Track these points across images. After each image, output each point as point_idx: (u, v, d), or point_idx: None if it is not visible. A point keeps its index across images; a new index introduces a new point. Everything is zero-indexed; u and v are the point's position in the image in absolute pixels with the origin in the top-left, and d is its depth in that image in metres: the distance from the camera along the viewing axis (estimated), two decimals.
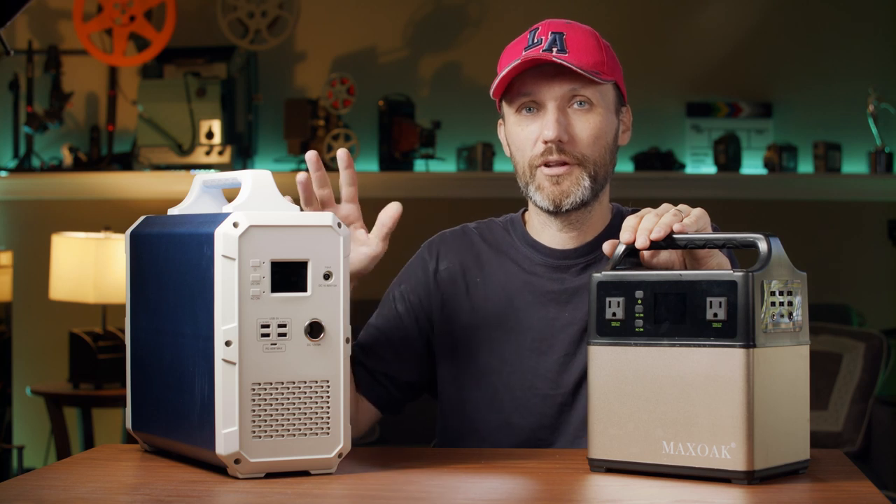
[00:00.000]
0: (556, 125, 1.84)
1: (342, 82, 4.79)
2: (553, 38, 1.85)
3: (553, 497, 1.47)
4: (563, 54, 1.83)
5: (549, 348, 1.90)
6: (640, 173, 4.81)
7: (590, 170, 1.86)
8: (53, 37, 5.10)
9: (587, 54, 1.85)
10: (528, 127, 1.88)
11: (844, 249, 4.89)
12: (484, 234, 2.01)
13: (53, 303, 4.64)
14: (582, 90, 1.85)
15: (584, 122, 1.86)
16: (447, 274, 1.98)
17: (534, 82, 1.86)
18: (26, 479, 1.53)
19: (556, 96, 1.85)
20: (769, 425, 1.46)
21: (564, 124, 1.85)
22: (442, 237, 2.04)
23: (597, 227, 1.94)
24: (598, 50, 1.87)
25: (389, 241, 1.90)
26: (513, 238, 1.98)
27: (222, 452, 1.48)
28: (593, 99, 1.86)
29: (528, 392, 1.90)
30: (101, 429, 4.86)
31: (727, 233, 1.56)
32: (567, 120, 1.85)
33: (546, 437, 1.89)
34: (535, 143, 1.87)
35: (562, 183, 1.86)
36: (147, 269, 1.67)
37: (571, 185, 1.86)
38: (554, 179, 1.86)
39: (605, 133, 1.88)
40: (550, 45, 1.84)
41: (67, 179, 4.98)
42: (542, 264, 1.93)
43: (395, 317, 1.98)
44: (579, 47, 1.85)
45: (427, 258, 2.01)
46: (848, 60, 4.91)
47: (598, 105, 1.86)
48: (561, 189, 1.86)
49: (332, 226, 1.53)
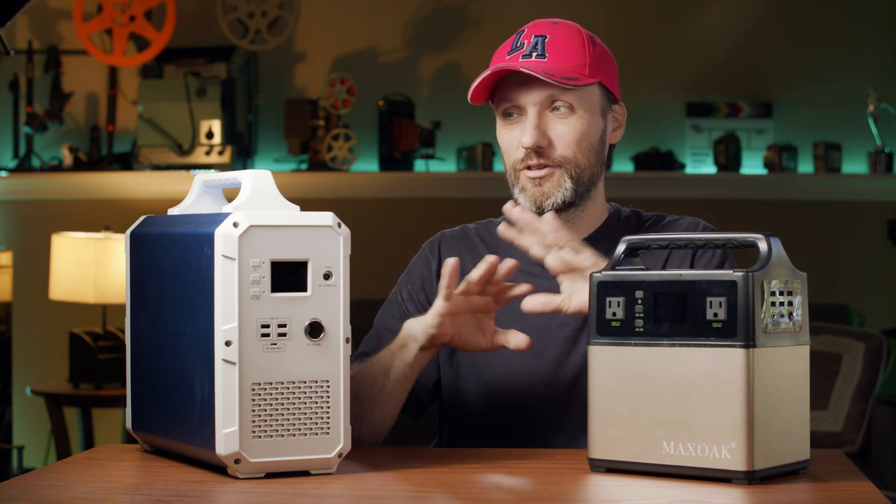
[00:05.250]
0: (533, 132, 1.87)
1: (342, 82, 4.78)
2: (535, 42, 1.87)
3: (553, 497, 1.47)
4: (542, 59, 1.85)
5: (544, 347, 1.91)
6: (640, 173, 4.81)
7: (571, 171, 1.88)
8: (53, 37, 5.09)
9: (568, 57, 1.86)
10: (512, 131, 1.91)
11: (844, 249, 4.89)
12: (483, 234, 2.03)
13: (53, 303, 4.63)
14: (561, 95, 1.87)
15: (564, 127, 1.88)
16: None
17: (514, 88, 1.88)
18: (26, 479, 1.53)
19: (536, 102, 1.87)
20: (769, 425, 1.46)
21: (543, 130, 1.87)
22: (442, 237, 2.05)
23: (590, 226, 1.96)
24: (581, 51, 1.87)
25: (387, 241, 1.90)
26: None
27: (222, 452, 1.48)
28: (574, 103, 1.87)
29: (524, 392, 1.91)
30: (101, 429, 4.86)
31: (727, 233, 1.56)
32: (546, 125, 1.88)
33: (544, 437, 1.90)
34: (517, 147, 1.90)
35: (543, 185, 1.89)
36: (147, 269, 1.67)
37: (553, 186, 1.88)
38: (536, 181, 1.89)
39: (587, 135, 1.89)
40: (531, 50, 1.86)
41: (67, 179, 4.98)
42: (536, 264, 1.93)
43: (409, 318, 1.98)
44: (561, 51, 1.86)
45: (430, 257, 2.02)
46: (848, 60, 4.91)
47: (579, 108, 1.88)
48: (542, 190, 1.89)
49: (332, 226, 1.53)
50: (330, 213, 1.54)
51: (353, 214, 2.85)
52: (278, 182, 1.58)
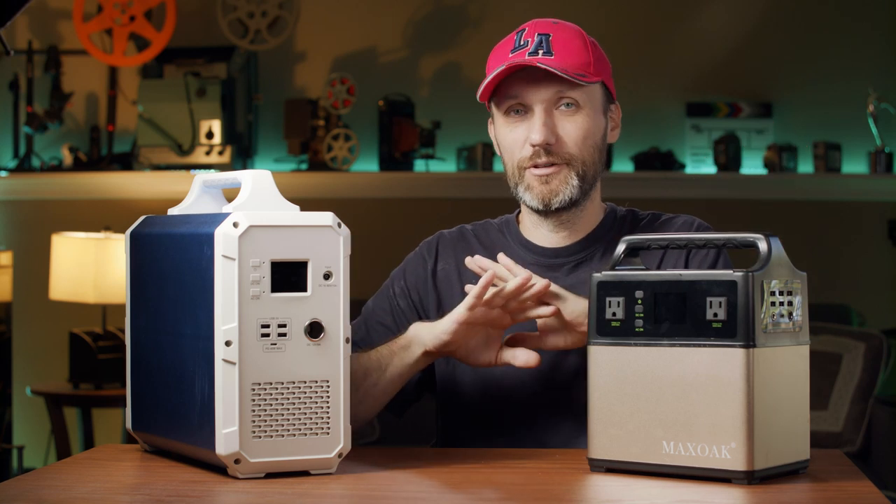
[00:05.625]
0: (543, 129, 1.86)
1: (342, 82, 4.78)
2: (539, 40, 1.86)
3: (553, 497, 1.47)
4: (549, 57, 1.85)
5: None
6: (640, 173, 4.81)
7: (578, 169, 1.89)
8: (53, 37, 5.09)
9: (573, 55, 1.86)
10: (516, 129, 1.90)
11: (844, 249, 4.89)
12: (480, 235, 2.03)
13: (53, 303, 4.63)
14: (568, 92, 1.87)
15: (572, 124, 1.88)
16: (444, 274, 1.99)
17: (521, 86, 1.88)
18: (26, 479, 1.53)
19: (543, 99, 1.87)
20: (769, 425, 1.46)
21: (551, 127, 1.87)
22: (440, 237, 2.05)
23: (588, 225, 1.96)
24: (584, 50, 1.88)
25: (387, 241, 1.90)
26: (507, 238, 2.00)
27: (222, 452, 1.48)
28: (580, 100, 1.88)
29: (521, 391, 1.91)
30: (101, 429, 4.86)
31: (727, 233, 1.56)
32: (554, 122, 1.88)
33: (541, 436, 1.90)
34: (523, 145, 1.89)
35: (550, 182, 1.88)
36: (147, 269, 1.67)
37: (560, 184, 1.88)
38: (543, 179, 1.88)
39: (592, 133, 1.90)
40: (536, 48, 1.86)
41: (67, 179, 4.98)
42: (535, 263, 1.93)
43: (399, 312, 1.99)
44: (565, 49, 1.86)
45: (426, 256, 2.02)
46: (848, 60, 4.90)
47: (584, 106, 1.88)
48: (550, 188, 1.88)
49: (332, 226, 1.53)
50: (330, 213, 1.53)
51: (353, 214, 2.85)
52: (278, 182, 1.58)
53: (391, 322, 1.98)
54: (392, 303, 2.00)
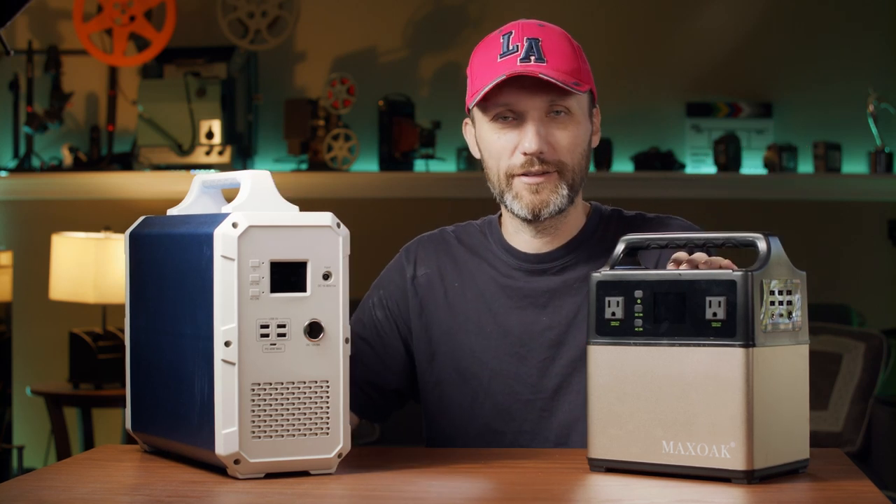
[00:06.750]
0: (537, 138, 1.82)
1: (342, 82, 4.78)
2: (529, 45, 1.82)
3: (553, 497, 1.47)
4: (542, 63, 1.81)
5: (528, 353, 1.89)
6: (640, 173, 4.80)
7: (568, 178, 1.85)
8: (53, 37, 5.10)
9: (564, 61, 1.82)
10: (505, 136, 1.85)
11: (844, 249, 4.89)
12: (461, 237, 1.99)
13: (53, 303, 4.64)
14: (560, 101, 1.83)
15: (564, 131, 1.84)
16: (425, 279, 1.96)
17: (513, 93, 1.83)
18: (26, 479, 1.53)
19: (537, 108, 1.83)
20: (769, 425, 1.46)
21: (544, 135, 1.83)
22: (420, 242, 2.01)
23: (571, 229, 1.92)
24: (573, 56, 1.85)
25: (387, 241, 1.89)
26: (489, 242, 1.96)
27: (222, 453, 1.48)
28: (571, 108, 1.84)
29: (508, 397, 1.89)
30: (101, 429, 4.86)
31: (727, 232, 1.56)
32: (546, 130, 1.84)
33: (527, 443, 1.88)
34: (512, 152, 1.85)
35: (541, 192, 1.84)
36: (146, 269, 1.67)
37: (550, 193, 1.84)
38: (533, 188, 1.84)
39: (582, 140, 1.87)
40: (528, 54, 1.81)
41: (67, 179, 4.98)
42: (518, 269, 1.91)
43: (375, 324, 1.98)
44: (556, 54, 1.82)
45: (405, 264, 1.99)
46: (848, 60, 4.91)
47: (575, 113, 1.85)
48: (540, 198, 1.85)
49: (332, 226, 1.53)
50: (329, 214, 1.53)
51: (353, 214, 2.85)
52: (278, 182, 1.57)
53: (370, 335, 1.97)
54: (371, 314, 1.98)
